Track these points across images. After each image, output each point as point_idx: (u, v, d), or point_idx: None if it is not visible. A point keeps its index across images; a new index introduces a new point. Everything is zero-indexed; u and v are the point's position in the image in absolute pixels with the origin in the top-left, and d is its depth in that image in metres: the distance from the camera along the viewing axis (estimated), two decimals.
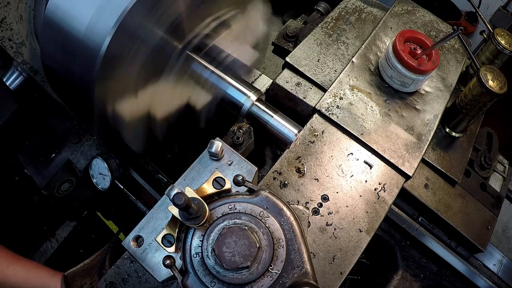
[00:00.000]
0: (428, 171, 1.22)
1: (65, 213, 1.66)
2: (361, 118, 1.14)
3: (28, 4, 1.32)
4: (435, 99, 1.23)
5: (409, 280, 1.30)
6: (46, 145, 1.50)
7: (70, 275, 1.16)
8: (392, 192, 1.04)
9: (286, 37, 1.50)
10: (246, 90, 1.16)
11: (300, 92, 1.20)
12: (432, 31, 1.39)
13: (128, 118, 1.09)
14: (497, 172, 1.45)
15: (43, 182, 1.44)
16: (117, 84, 1.02)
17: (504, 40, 1.29)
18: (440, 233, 1.28)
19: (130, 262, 0.96)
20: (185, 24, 1.08)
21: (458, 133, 1.28)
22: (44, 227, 1.67)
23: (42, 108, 1.50)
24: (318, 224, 0.96)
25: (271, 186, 1.00)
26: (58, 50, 1.00)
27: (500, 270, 1.35)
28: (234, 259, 0.69)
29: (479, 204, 1.28)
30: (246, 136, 1.19)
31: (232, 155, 0.85)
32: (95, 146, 1.45)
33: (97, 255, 1.23)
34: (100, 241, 1.71)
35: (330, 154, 1.07)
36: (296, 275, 0.72)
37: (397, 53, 1.14)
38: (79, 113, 1.29)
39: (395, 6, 1.42)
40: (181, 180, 0.85)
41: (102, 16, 0.90)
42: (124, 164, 1.41)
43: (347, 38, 1.32)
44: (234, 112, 1.18)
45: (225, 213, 0.74)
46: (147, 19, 0.95)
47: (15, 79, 1.38)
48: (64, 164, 1.45)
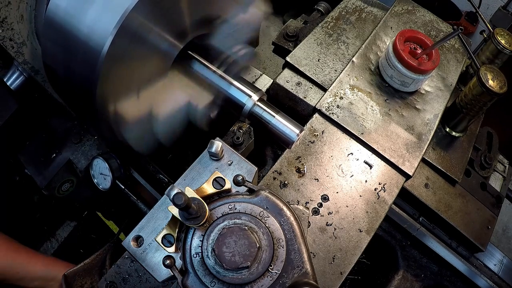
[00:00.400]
0: (428, 170, 1.22)
1: (65, 213, 1.66)
2: (361, 118, 1.14)
3: (29, 4, 1.32)
4: (435, 99, 1.23)
5: (410, 280, 1.30)
6: (46, 145, 1.50)
7: (70, 274, 1.16)
8: (392, 192, 1.04)
9: (287, 37, 1.50)
10: (248, 90, 1.16)
11: (300, 92, 1.20)
12: (432, 31, 1.39)
13: (130, 118, 1.09)
14: (497, 171, 1.45)
15: (44, 182, 1.44)
16: (118, 84, 1.02)
17: (504, 40, 1.29)
18: (441, 233, 1.28)
19: (130, 262, 0.96)
20: (186, 24, 1.08)
21: (458, 133, 1.28)
22: (44, 227, 1.68)
23: (43, 108, 1.50)
24: (318, 224, 0.96)
25: (271, 186, 1.00)
26: (59, 50, 1.00)
27: (500, 270, 1.35)
28: (234, 259, 0.69)
29: (479, 204, 1.28)
30: (246, 136, 1.19)
31: (232, 155, 0.85)
32: (96, 146, 1.45)
33: (97, 254, 1.23)
34: (100, 241, 1.71)
35: (330, 154, 1.07)
36: (296, 275, 0.72)
37: (397, 53, 1.14)
38: (80, 113, 1.29)
39: (395, 6, 1.42)
40: (181, 180, 0.85)
41: (104, 16, 0.89)
42: (125, 164, 1.41)
43: (347, 37, 1.32)
44: (236, 112, 1.18)
45: (225, 213, 0.75)
46: (149, 19, 0.95)
47: (16, 79, 1.38)
48: (64, 164, 1.45)
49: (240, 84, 1.17)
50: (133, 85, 1.06)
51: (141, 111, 1.13)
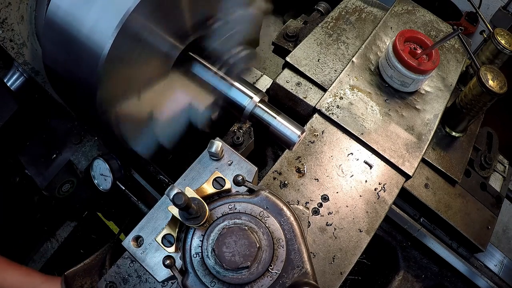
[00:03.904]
0: (428, 170, 1.22)
1: (65, 214, 1.66)
2: (361, 118, 1.14)
3: (29, 4, 1.32)
4: (435, 99, 1.23)
5: (410, 281, 1.30)
6: (47, 145, 1.50)
7: (70, 275, 1.16)
8: (392, 192, 1.04)
9: (286, 37, 1.51)
10: (249, 91, 1.16)
11: (300, 92, 1.20)
12: (432, 31, 1.39)
13: (131, 120, 1.09)
14: (497, 172, 1.45)
15: (44, 182, 1.44)
16: (119, 85, 1.02)
17: (504, 40, 1.29)
18: (442, 234, 1.28)
19: (130, 262, 0.96)
20: (187, 25, 1.08)
21: (458, 133, 1.28)
22: (44, 228, 1.68)
23: (43, 109, 1.50)
24: (318, 224, 0.96)
25: (271, 186, 1.00)
26: (60, 51, 1.00)
27: (501, 271, 1.34)
28: (234, 259, 0.69)
29: (479, 204, 1.28)
30: (246, 136, 1.19)
31: (232, 155, 0.85)
32: (96, 147, 1.45)
33: (97, 254, 1.23)
34: (100, 241, 1.71)
35: (330, 154, 1.07)
36: (296, 275, 0.72)
37: (397, 53, 1.14)
38: (81, 114, 1.29)
39: (395, 6, 1.42)
40: (181, 180, 0.85)
41: (105, 17, 0.89)
42: (125, 165, 1.41)
43: (347, 38, 1.32)
44: (237, 113, 1.18)
45: (225, 213, 0.75)
46: (150, 20, 0.94)
47: (16, 80, 1.38)
48: (65, 165, 1.45)
49: (241, 86, 1.17)
50: (134, 86, 1.06)
51: (142, 113, 1.13)
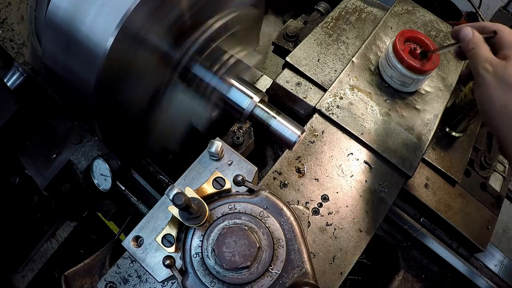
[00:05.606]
0: (428, 170, 1.22)
1: (65, 214, 1.66)
2: (361, 118, 1.14)
3: (30, 4, 1.32)
4: (435, 99, 1.23)
5: (411, 281, 1.29)
6: (46, 145, 1.50)
7: (70, 275, 1.16)
8: (392, 192, 1.04)
9: (286, 37, 1.51)
10: (249, 91, 1.16)
11: (300, 92, 1.20)
12: (432, 31, 1.39)
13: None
14: (497, 172, 1.45)
15: (44, 182, 1.44)
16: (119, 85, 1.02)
17: None
18: (442, 234, 1.28)
19: (130, 262, 0.96)
20: (188, 26, 1.08)
21: (458, 133, 1.28)
22: (44, 228, 1.68)
23: (43, 109, 1.49)
24: (318, 224, 0.96)
25: (271, 186, 1.00)
26: (60, 51, 0.99)
27: (501, 271, 1.34)
28: (234, 259, 0.69)
29: (479, 204, 1.27)
30: (246, 136, 1.19)
31: (232, 155, 0.85)
32: (96, 147, 1.45)
33: (97, 255, 1.23)
34: (100, 241, 1.71)
35: (330, 154, 1.07)
36: (296, 275, 0.72)
37: (397, 53, 1.14)
38: (81, 115, 1.29)
39: (395, 6, 1.42)
40: (181, 180, 0.85)
41: (104, 17, 0.89)
42: (125, 165, 1.41)
43: (347, 38, 1.32)
44: (237, 114, 1.18)
45: (225, 213, 0.74)
46: (150, 20, 0.94)
47: (16, 80, 1.38)
48: (65, 165, 1.44)
49: (241, 86, 1.17)
50: (134, 86, 1.06)
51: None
